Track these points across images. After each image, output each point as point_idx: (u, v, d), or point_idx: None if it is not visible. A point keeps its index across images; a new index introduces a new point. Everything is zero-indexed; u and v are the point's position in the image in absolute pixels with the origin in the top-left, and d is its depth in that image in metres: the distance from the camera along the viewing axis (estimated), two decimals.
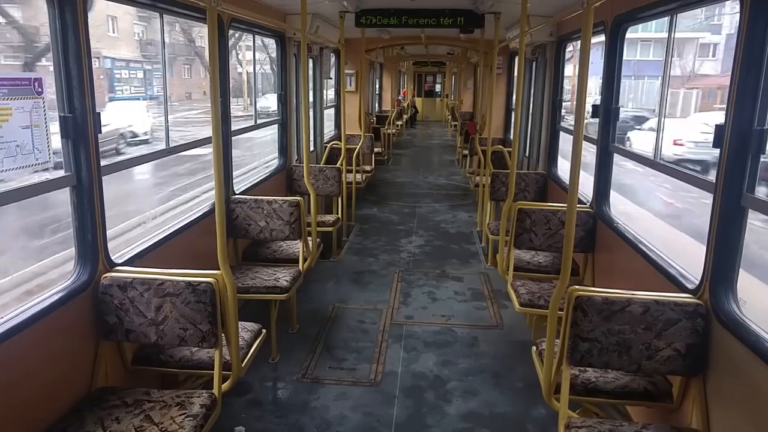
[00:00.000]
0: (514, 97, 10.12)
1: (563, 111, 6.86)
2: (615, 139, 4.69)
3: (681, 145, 15.73)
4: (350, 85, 11.38)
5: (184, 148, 4.96)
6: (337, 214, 7.12)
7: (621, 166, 6.15)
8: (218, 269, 3.08)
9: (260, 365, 4.40)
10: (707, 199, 2.91)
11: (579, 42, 6.19)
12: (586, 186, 4.86)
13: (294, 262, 5.11)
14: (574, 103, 3.77)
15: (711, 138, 2.82)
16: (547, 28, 6.31)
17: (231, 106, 5.24)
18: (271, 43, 6.83)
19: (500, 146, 8.48)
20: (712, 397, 2.76)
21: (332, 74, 9.69)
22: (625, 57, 4.64)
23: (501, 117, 10.48)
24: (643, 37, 31.33)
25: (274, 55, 7.09)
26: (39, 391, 2.65)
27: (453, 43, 11.63)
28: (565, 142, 6.78)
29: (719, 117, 2.85)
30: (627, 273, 4.12)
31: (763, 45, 2.54)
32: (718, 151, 2.77)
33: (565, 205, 3.02)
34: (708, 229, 2.84)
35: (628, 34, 4.56)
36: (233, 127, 5.34)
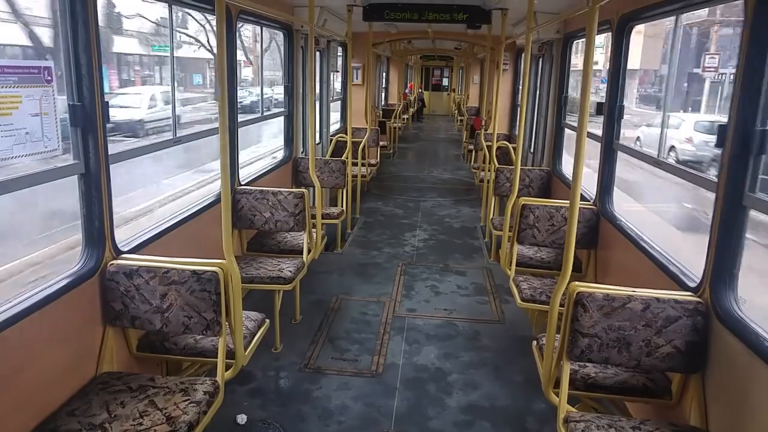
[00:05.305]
0: (519, 93, 10.14)
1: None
2: (619, 137, 4.70)
3: None
4: (356, 79, 11.37)
5: (190, 139, 4.99)
6: (342, 206, 7.16)
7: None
8: (223, 259, 3.12)
9: (263, 355, 4.45)
10: None
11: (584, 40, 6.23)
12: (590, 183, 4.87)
13: (298, 254, 5.15)
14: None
15: None
16: (554, 25, 6.30)
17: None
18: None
19: (505, 142, 8.49)
20: (711, 394, 2.78)
21: (339, 67, 9.69)
22: None
23: (507, 113, 10.48)
24: None
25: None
26: (48, 373, 2.70)
27: (460, 38, 11.60)
28: (569, 138, 6.81)
29: None
30: (629, 270, 4.13)
31: (767, 45, 2.55)
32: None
33: (569, 201, 3.04)
34: (710, 228, 2.86)
35: None
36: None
